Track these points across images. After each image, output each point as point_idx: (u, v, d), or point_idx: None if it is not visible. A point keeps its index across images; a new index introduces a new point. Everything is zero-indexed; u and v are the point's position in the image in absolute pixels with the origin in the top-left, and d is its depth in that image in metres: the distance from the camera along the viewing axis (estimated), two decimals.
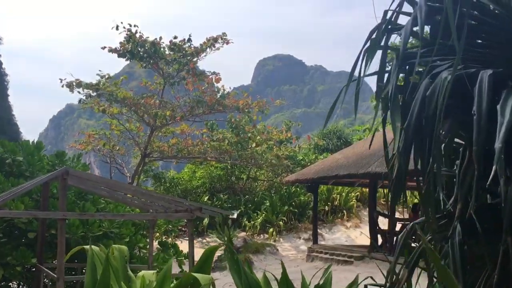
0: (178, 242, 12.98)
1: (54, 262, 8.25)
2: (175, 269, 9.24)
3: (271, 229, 19.36)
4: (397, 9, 2.38)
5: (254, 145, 21.22)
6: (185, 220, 17.70)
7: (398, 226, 13.56)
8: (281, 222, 19.55)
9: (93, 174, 18.07)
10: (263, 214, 19.93)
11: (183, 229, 21.03)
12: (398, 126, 2.19)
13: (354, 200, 21.08)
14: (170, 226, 14.11)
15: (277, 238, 19.19)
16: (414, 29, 2.28)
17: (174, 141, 21.89)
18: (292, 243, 19.13)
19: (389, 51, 2.47)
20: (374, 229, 13.21)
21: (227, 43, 19.42)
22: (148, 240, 9.84)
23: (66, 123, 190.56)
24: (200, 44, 19.13)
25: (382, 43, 2.40)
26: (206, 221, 20.30)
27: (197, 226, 20.57)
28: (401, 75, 2.46)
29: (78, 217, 7.00)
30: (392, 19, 2.37)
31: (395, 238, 12.74)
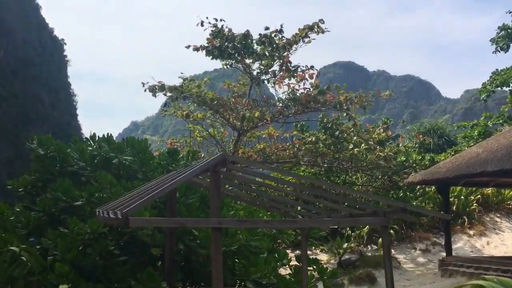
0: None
1: (186, 285, 6.52)
2: None
3: (380, 239, 17.04)
4: None
5: (351, 146, 19.08)
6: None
7: None
8: (391, 231, 17.18)
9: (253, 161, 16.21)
10: None
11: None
12: None
13: (475, 204, 18.33)
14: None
15: None
16: None
17: (261, 146, 20.14)
18: (407, 255, 16.71)
19: None
20: None
21: (322, 32, 17.42)
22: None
23: None
24: (293, 35, 17.26)
25: None
26: None
27: (295, 237, 18.56)
28: None
29: (236, 225, 5.17)
30: None
31: None
